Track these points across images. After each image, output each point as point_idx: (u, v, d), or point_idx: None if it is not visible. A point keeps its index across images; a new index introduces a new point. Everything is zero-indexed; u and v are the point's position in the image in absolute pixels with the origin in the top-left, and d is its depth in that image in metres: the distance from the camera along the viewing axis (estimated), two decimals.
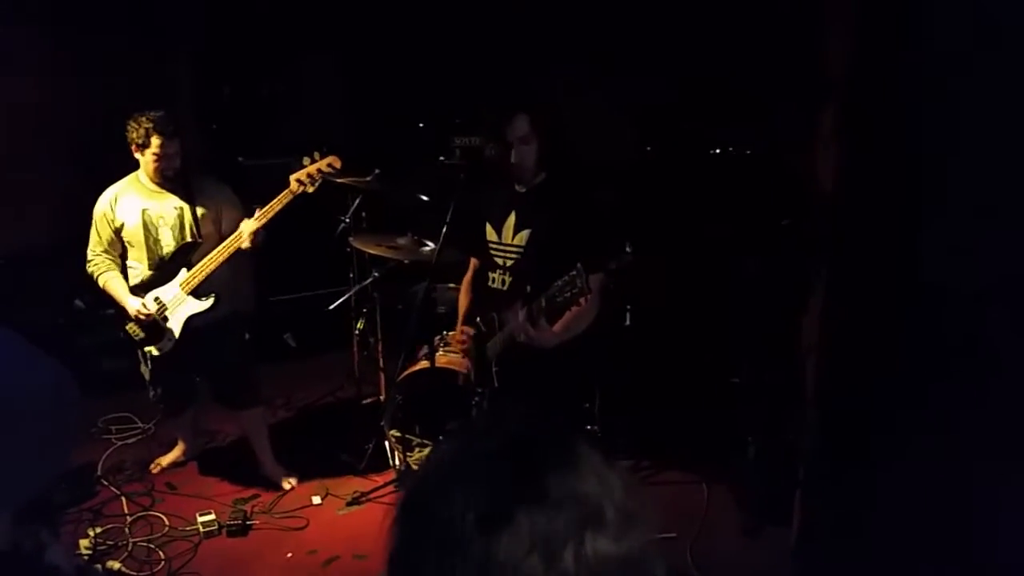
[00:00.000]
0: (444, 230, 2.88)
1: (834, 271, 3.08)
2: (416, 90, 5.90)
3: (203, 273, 3.68)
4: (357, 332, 4.73)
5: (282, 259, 4.70)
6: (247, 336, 4.20)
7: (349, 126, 6.10)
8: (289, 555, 3.58)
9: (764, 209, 4.13)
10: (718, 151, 4.86)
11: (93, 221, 3.77)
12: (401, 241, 4.35)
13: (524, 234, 2.91)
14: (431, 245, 4.26)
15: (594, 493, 0.74)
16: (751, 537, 3.59)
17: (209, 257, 3.68)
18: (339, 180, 4.24)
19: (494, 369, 2.97)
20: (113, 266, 3.79)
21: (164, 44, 5.53)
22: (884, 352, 2.77)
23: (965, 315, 2.42)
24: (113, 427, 4.63)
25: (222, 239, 3.72)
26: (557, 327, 2.66)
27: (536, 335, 2.66)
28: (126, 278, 3.79)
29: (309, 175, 3.71)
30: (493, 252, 3.01)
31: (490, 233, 3.03)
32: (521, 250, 2.91)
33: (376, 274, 4.52)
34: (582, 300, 2.51)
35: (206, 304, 3.72)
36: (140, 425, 4.66)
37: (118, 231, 3.73)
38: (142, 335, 3.75)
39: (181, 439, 4.33)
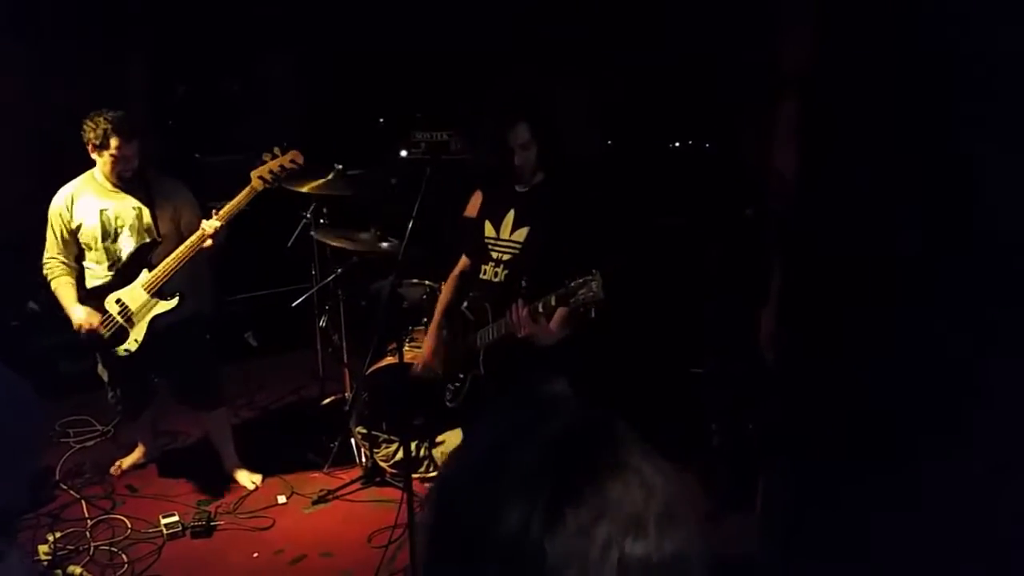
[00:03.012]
0: (411, 224, 2.91)
1: (793, 262, 3.14)
2: (374, 86, 5.88)
3: (165, 274, 3.62)
4: (320, 329, 4.69)
5: (241, 257, 4.65)
6: (207, 336, 4.14)
7: (308, 122, 6.05)
8: (255, 555, 3.55)
9: (724, 201, 4.18)
10: (678, 144, 4.92)
11: (48, 221, 3.68)
12: (364, 236, 4.32)
13: (523, 231, 3.02)
14: (394, 240, 4.24)
15: (636, 497, 0.72)
16: (715, 522, 3.65)
17: (171, 257, 3.61)
18: (303, 190, 4.17)
19: (481, 356, 3.05)
20: (67, 271, 3.71)
21: (119, 42, 5.43)
22: (843, 342, 2.83)
23: (920, 307, 2.49)
24: (71, 430, 4.55)
25: (182, 238, 3.67)
26: (553, 325, 2.77)
27: (538, 331, 2.75)
28: (84, 280, 3.72)
29: (272, 172, 3.66)
30: (490, 247, 3.12)
31: (488, 229, 3.14)
32: (519, 246, 3.02)
33: (339, 270, 4.48)
34: (594, 305, 2.58)
35: (171, 304, 3.67)
36: (99, 427, 4.58)
37: (75, 232, 3.65)
38: (105, 339, 3.68)
39: (141, 441, 4.26)
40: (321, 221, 4.54)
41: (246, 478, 4.08)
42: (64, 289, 3.69)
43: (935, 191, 2.25)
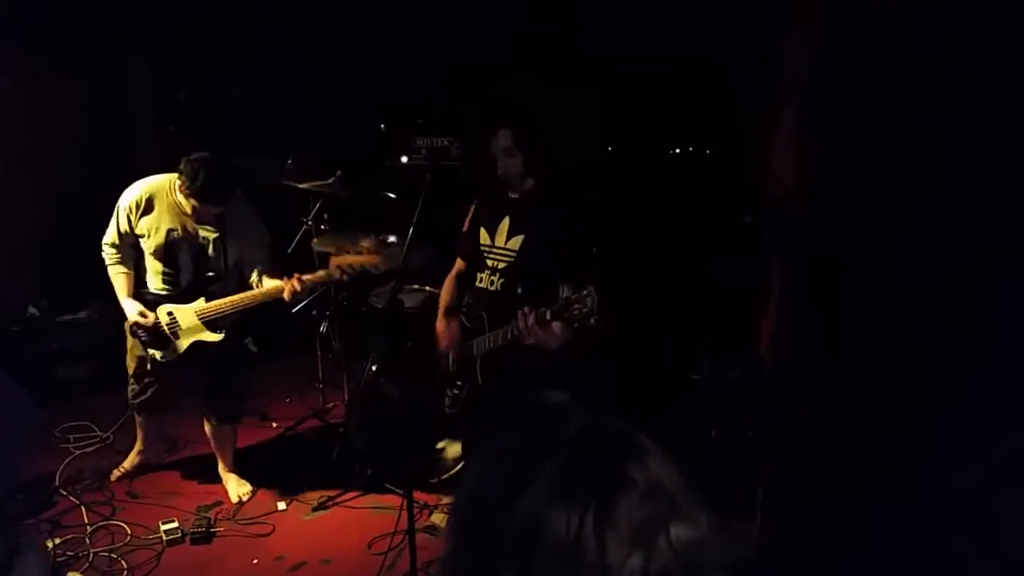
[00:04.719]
0: (411, 231, 2.94)
1: (792, 268, 3.14)
2: (376, 91, 5.88)
3: (220, 311, 3.68)
4: (320, 334, 4.69)
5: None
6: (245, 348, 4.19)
7: (309, 127, 6.06)
8: (255, 561, 3.54)
9: (724, 208, 4.18)
10: (678, 151, 4.91)
11: (116, 209, 3.71)
12: (364, 243, 4.31)
13: (518, 239, 3.04)
14: (394, 243, 4.24)
15: (667, 481, 0.76)
16: (714, 532, 3.64)
17: (231, 299, 3.68)
18: (302, 185, 4.23)
19: (478, 364, 3.08)
20: (124, 260, 3.76)
21: (121, 45, 5.44)
22: (842, 348, 2.83)
23: (919, 312, 2.49)
24: (71, 436, 4.53)
25: (241, 265, 3.74)
26: (557, 330, 2.80)
27: (544, 337, 2.78)
28: (139, 280, 3.78)
29: (352, 266, 3.69)
30: (485, 254, 3.14)
31: (483, 236, 3.16)
32: (514, 254, 3.04)
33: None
34: (590, 320, 2.60)
35: (217, 337, 3.73)
36: (99, 433, 4.57)
37: (137, 236, 3.70)
38: (147, 338, 3.73)
39: (142, 442, 4.20)
40: (323, 228, 4.54)
41: (234, 489, 4.04)
42: (119, 279, 3.75)
43: (934, 196, 2.25)
